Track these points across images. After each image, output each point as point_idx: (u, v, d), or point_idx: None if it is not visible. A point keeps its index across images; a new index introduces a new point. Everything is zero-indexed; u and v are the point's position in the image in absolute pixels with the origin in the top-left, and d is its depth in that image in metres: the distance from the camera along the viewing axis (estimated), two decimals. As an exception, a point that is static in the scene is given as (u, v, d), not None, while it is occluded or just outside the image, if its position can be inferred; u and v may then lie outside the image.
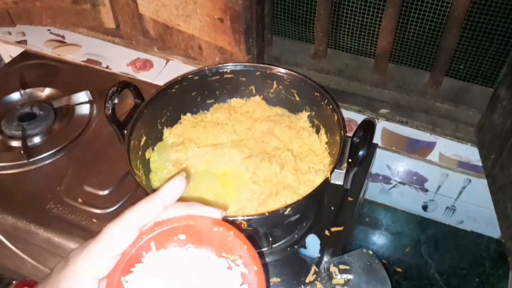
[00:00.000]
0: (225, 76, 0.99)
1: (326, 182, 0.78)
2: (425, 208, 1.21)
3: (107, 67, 1.31)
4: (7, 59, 1.42)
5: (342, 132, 0.83)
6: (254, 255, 0.45)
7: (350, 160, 0.80)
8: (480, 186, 1.05)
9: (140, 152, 0.90)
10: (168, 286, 0.45)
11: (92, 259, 0.43)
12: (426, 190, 1.15)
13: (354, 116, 1.12)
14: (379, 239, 1.22)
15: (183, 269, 0.46)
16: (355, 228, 1.22)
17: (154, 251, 0.46)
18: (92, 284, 0.43)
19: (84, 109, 1.17)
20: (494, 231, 1.17)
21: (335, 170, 0.79)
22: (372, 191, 1.25)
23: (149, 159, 0.93)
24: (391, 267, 1.14)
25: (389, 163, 1.13)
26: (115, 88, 0.86)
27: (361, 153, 0.76)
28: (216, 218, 0.47)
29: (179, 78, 0.95)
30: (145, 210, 0.45)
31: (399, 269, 1.15)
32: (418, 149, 1.08)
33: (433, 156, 1.07)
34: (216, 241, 0.46)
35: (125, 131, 0.86)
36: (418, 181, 1.14)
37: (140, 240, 0.45)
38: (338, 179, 0.81)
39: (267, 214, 0.72)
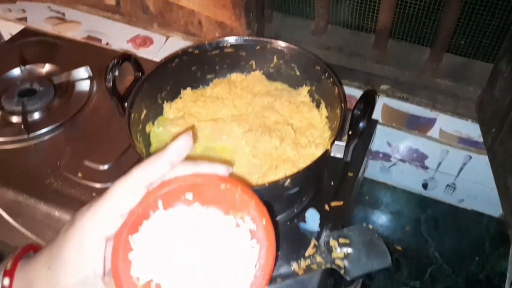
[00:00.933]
0: (225, 50, 0.98)
1: (326, 154, 0.78)
2: (425, 186, 1.22)
3: (107, 44, 1.31)
4: (7, 37, 1.42)
5: (342, 104, 0.83)
6: (262, 209, 0.45)
7: (350, 132, 0.80)
8: (481, 162, 1.05)
9: (140, 126, 0.90)
10: (175, 246, 0.45)
11: (99, 217, 0.43)
12: (426, 168, 1.15)
13: (354, 93, 1.11)
14: (379, 218, 1.22)
15: (190, 228, 0.46)
16: (356, 207, 1.22)
17: (162, 210, 0.46)
18: (99, 243, 0.43)
19: (84, 86, 1.17)
20: (494, 209, 1.17)
21: (335, 142, 0.79)
22: (372, 170, 1.25)
23: (149, 133, 0.93)
24: (390, 246, 1.15)
25: (390, 140, 1.13)
26: (115, 60, 0.86)
27: (361, 124, 0.75)
28: (223, 175, 0.47)
29: (179, 52, 0.94)
30: (152, 168, 0.44)
31: (399, 248, 1.15)
32: (418, 126, 1.08)
33: (434, 132, 1.07)
34: (224, 199, 0.46)
35: (126, 104, 0.86)
36: (419, 158, 1.14)
37: (147, 199, 0.44)
38: (338, 151, 0.80)
39: (267, 185, 0.72)
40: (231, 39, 0.97)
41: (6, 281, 0.46)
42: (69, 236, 0.44)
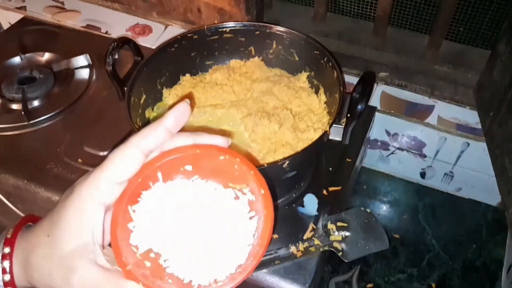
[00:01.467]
0: (225, 35, 0.98)
1: (325, 135, 0.79)
2: (423, 175, 1.22)
3: (106, 33, 1.31)
4: (6, 26, 1.42)
5: (341, 88, 0.84)
6: (261, 180, 0.45)
7: (348, 115, 0.80)
8: (479, 150, 1.06)
9: (140, 111, 0.90)
10: (175, 218, 0.45)
11: (97, 184, 0.43)
12: (424, 156, 1.16)
13: (353, 79, 1.12)
14: (377, 207, 1.23)
15: (190, 201, 0.46)
16: (354, 196, 1.22)
17: (161, 182, 0.46)
18: (97, 210, 0.43)
19: (84, 73, 1.17)
20: (491, 198, 1.18)
21: (334, 125, 0.79)
22: (371, 159, 1.26)
23: (149, 118, 0.93)
24: (388, 234, 1.15)
25: (388, 128, 1.14)
26: (115, 43, 0.87)
27: (359, 107, 0.76)
28: (222, 145, 0.47)
29: (179, 37, 0.95)
30: (150, 135, 0.44)
31: (396, 235, 1.16)
32: (416, 113, 1.09)
33: (432, 119, 1.07)
34: (223, 171, 0.46)
35: (125, 88, 0.86)
36: (417, 146, 1.14)
37: (146, 169, 0.45)
38: (336, 134, 0.81)
39: (265, 165, 0.73)
40: (230, 24, 0.97)
41: (7, 250, 0.47)
42: (68, 203, 0.44)
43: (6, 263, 0.47)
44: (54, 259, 0.44)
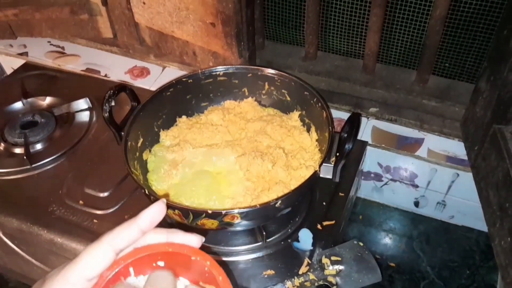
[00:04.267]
0: (218, 78, 1.02)
1: (315, 175, 0.82)
2: (416, 204, 1.25)
3: (105, 76, 1.35)
4: (9, 71, 1.47)
5: (330, 128, 0.87)
6: (228, 286, 0.46)
7: (337, 154, 0.84)
8: (468, 179, 1.08)
9: (137, 154, 0.93)
10: None
11: (67, 280, 0.43)
12: (417, 186, 1.19)
13: (344, 116, 1.15)
14: (373, 235, 1.25)
15: None
16: (350, 226, 1.25)
17: (133, 276, 0.47)
18: None
19: (84, 116, 1.21)
20: (483, 224, 1.19)
21: (324, 163, 0.83)
22: (365, 190, 1.28)
23: (146, 160, 0.96)
24: (384, 262, 1.17)
25: (380, 161, 1.17)
26: (111, 91, 0.90)
27: (347, 146, 0.79)
28: (195, 245, 0.47)
29: (174, 81, 0.99)
30: (122, 234, 0.45)
31: (392, 264, 1.17)
32: (407, 146, 1.12)
33: (422, 151, 1.11)
34: (194, 269, 0.47)
35: (122, 133, 0.90)
36: (409, 177, 1.17)
37: (118, 264, 0.45)
38: (327, 172, 0.84)
39: (258, 206, 0.76)
40: (223, 68, 1.02)
41: None
42: None
43: None
44: None
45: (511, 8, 0.83)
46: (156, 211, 0.47)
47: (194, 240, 0.47)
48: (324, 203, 1.00)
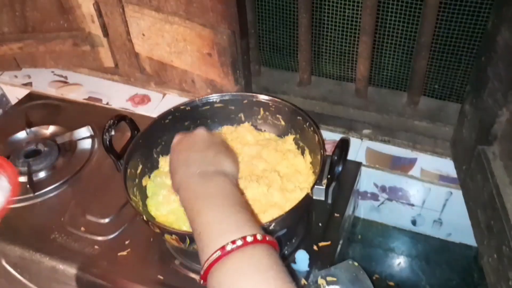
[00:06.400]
0: (215, 105, 1.06)
1: (308, 197, 0.84)
2: (414, 222, 1.26)
3: (107, 104, 1.39)
4: (14, 101, 1.50)
5: (322, 151, 0.90)
6: None
7: (329, 176, 0.86)
8: (461, 198, 1.10)
9: (137, 180, 0.96)
10: None
11: None
12: (413, 205, 1.21)
13: (339, 138, 1.18)
14: (371, 255, 1.26)
15: None
16: (349, 246, 1.26)
17: None
18: None
19: (86, 144, 1.24)
20: (481, 242, 1.21)
21: (316, 186, 0.85)
22: (363, 209, 1.30)
23: (145, 186, 0.99)
24: (383, 282, 1.19)
25: (376, 181, 1.19)
26: (111, 121, 0.94)
27: (337, 168, 0.82)
28: None
29: (172, 109, 1.02)
30: None
31: (391, 283, 1.19)
32: (401, 166, 1.14)
33: (415, 171, 1.13)
34: None
35: (122, 161, 0.93)
36: (404, 197, 1.19)
37: None
38: (319, 194, 0.87)
39: (252, 228, 0.78)
40: (219, 96, 1.05)
41: None
42: None
43: None
44: None
45: (486, 37, 0.86)
46: None
47: None
48: (320, 224, 1.02)
